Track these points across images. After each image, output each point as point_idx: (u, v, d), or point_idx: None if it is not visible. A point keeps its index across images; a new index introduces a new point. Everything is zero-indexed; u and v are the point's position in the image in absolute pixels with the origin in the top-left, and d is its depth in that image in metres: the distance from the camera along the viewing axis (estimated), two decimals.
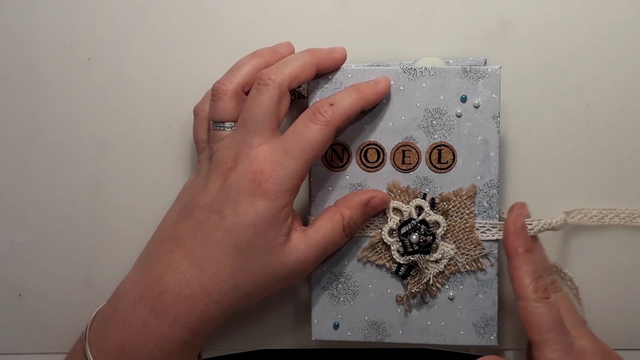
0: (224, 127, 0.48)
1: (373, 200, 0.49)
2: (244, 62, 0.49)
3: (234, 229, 0.46)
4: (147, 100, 0.55)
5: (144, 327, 0.46)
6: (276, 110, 0.47)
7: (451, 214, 0.50)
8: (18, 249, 0.56)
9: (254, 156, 0.46)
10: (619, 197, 0.54)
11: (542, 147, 0.54)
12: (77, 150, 0.55)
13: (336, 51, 0.50)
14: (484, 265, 0.50)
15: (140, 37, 0.55)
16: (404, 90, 0.50)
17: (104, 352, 0.47)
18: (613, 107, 0.53)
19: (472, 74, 0.49)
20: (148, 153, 0.55)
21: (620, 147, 0.54)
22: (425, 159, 0.50)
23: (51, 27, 0.55)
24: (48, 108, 0.55)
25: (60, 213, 0.56)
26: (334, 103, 0.47)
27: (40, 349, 0.57)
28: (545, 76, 0.54)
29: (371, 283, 0.51)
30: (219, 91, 0.48)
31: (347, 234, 0.49)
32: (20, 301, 0.56)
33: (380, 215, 0.50)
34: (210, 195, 0.47)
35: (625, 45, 0.53)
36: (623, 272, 0.54)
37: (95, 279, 0.56)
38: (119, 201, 0.56)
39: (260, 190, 0.45)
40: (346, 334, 0.52)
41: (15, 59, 0.55)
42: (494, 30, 0.54)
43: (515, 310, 0.48)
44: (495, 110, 0.49)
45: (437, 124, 0.50)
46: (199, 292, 0.46)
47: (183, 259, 0.46)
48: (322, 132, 0.46)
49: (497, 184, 0.50)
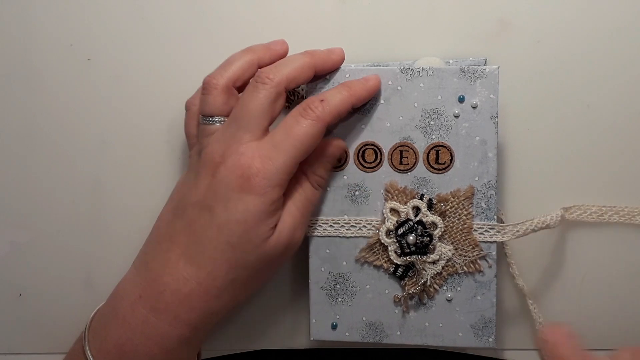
0: (213, 122, 0.48)
1: (328, 149, 0.49)
2: (236, 57, 0.49)
3: (225, 226, 0.46)
4: (147, 100, 0.55)
5: (143, 326, 0.46)
6: (270, 109, 0.47)
7: (449, 214, 0.50)
8: (18, 249, 0.56)
9: (242, 152, 0.46)
10: (618, 198, 0.53)
11: (540, 148, 0.54)
12: (77, 150, 0.55)
13: (334, 53, 0.50)
14: (482, 266, 0.50)
15: (140, 37, 0.55)
16: (402, 90, 0.50)
17: (103, 351, 0.47)
18: (613, 107, 0.53)
19: (470, 74, 0.49)
20: (148, 153, 0.55)
21: (620, 148, 0.53)
22: (423, 159, 0.50)
23: (51, 27, 0.55)
24: (48, 108, 0.55)
25: (60, 213, 0.56)
26: (324, 99, 0.47)
27: (40, 349, 0.57)
28: (544, 76, 0.53)
29: (369, 284, 0.51)
30: (210, 85, 0.48)
31: (316, 188, 0.49)
32: (20, 301, 0.56)
33: (378, 216, 0.50)
34: (200, 192, 0.47)
35: (625, 46, 0.53)
36: (623, 271, 0.54)
37: (95, 279, 0.56)
38: (118, 201, 0.56)
39: (249, 185, 0.45)
40: (344, 334, 0.51)
41: (15, 59, 0.55)
42: (493, 30, 0.54)
43: (513, 311, 0.48)
44: (493, 110, 0.49)
45: (435, 125, 0.50)
46: (198, 290, 0.46)
47: (179, 258, 0.47)
48: (313, 127, 0.46)
49: (495, 185, 0.50)
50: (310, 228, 0.51)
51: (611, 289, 0.54)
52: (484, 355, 0.55)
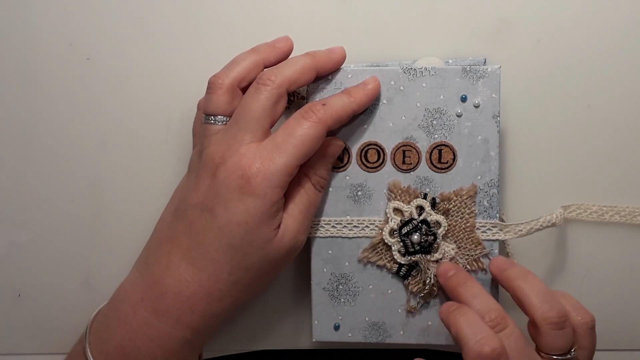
0: (215, 121, 0.48)
1: (328, 148, 0.49)
2: (242, 57, 0.49)
3: (226, 228, 0.45)
4: (146, 100, 0.55)
5: (145, 328, 0.46)
6: (272, 110, 0.47)
7: (452, 213, 0.50)
8: (17, 249, 0.56)
9: (243, 152, 0.46)
10: (619, 197, 0.54)
11: (542, 147, 0.54)
12: (77, 150, 0.55)
13: (335, 52, 0.50)
14: (484, 264, 0.50)
15: (140, 37, 0.55)
16: (404, 90, 0.50)
17: (105, 353, 0.47)
18: (613, 107, 0.53)
19: (472, 73, 0.49)
20: (147, 153, 0.55)
21: (621, 147, 0.54)
22: (426, 158, 0.50)
23: (50, 27, 0.55)
24: (47, 108, 0.55)
25: (59, 213, 0.55)
26: (325, 103, 0.47)
27: (39, 350, 0.57)
28: (545, 76, 0.54)
29: (372, 284, 0.51)
30: (215, 84, 0.48)
31: (318, 189, 0.49)
32: (19, 301, 0.56)
33: (381, 216, 0.50)
34: (201, 193, 0.46)
35: (626, 45, 0.53)
36: (624, 271, 0.54)
37: (95, 280, 0.56)
38: (118, 201, 0.55)
39: (249, 186, 0.45)
40: (347, 335, 0.51)
41: (15, 58, 0.55)
42: (494, 30, 0.54)
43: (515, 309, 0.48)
44: (495, 109, 0.49)
45: (438, 124, 0.50)
46: (200, 292, 0.46)
47: (181, 260, 0.46)
48: (314, 128, 0.46)
49: (497, 184, 0.50)
50: (313, 229, 0.51)
51: (612, 288, 0.54)
52: None
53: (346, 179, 0.51)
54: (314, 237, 0.51)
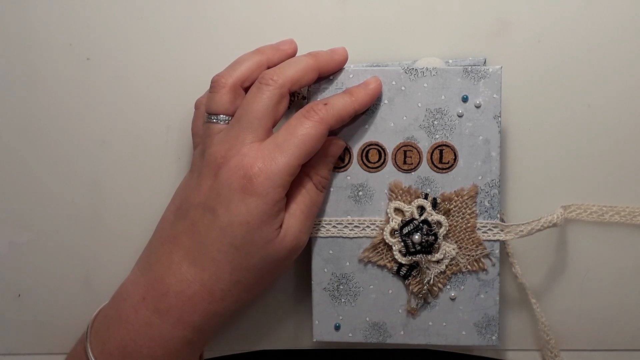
0: (217, 120, 0.48)
1: (329, 148, 0.49)
2: (245, 58, 0.49)
3: (228, 228, 0.45)
4: (146, 100, 0.55)
5: (147, 327, 0.46)
6: (274, 110, 0.47)
7: (453, 213, 0.50)
8: (17, 249, 0.56)
9: (245, 152, 0.46)
10: (620, 197, 0.54)
11: (543, 147, 0.54)
12: (77, 150, 0.55)
13: (337, 53, 0.50)
14: (485, 265, 0.50)
15: (140, 37, 0.55)
16: (406, 90, 0.50)
17: (106, 352, 0.47)
18: (614, 107, 0.53)
19: (473, 74, 0.49)
20: (148, 153, 0.55)
21: (621, 147, 0.54)
22: (427, 159, 0.50)
23: (50, 27, 0.54)
24: (47, 108, 0.55)
25: (60, 213, 0.55)
26: (327, 103, 0.47)
27: (39, 350, 0.57)
28: (545, 76, 0.54)
29: (372, 284, 0.51)
30: (218, 84, 0.48)
31: (320, 189, 0.49)
32: (19, 301, 0.56)
33: (382, 216, 0.50)
34: (203, 193, 0.46)
35: (626, 45, 0.53)
36: (624, 271, 0.54)
37: (95, 279, 0.56)
38: (118, 201, 0.55)
39: (251, 186, 0.45)
40: (347, 335, 0.51)
41: (15, 58, 0.55)
42: (494, 30, 0.54)
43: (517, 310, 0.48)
44: (497, 110, 0.49)
45: (439, 124, 0.50)
46: (201, 292, 0.46)
47: (182, 259, 0.46)
48: (315, 128, 0.46)
49: (498, 184, 0.50)
50: (314, 229, 0.51)
51: (612, 288, 0.54)
52: (486, 355, 0.55)
53: (347, 179, 0.51)
54: (315, 237, 0.51)
